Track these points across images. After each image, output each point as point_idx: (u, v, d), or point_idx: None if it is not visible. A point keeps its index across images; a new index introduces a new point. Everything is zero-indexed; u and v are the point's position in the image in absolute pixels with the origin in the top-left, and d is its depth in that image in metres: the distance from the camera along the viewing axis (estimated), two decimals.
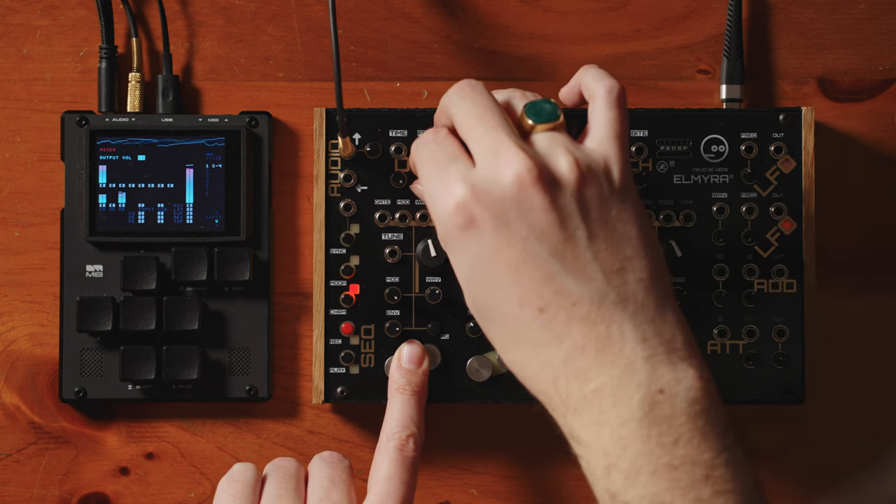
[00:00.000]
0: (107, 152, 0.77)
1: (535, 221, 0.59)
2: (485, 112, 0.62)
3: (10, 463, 0.78)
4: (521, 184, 0.59)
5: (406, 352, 0.74)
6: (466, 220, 0.60)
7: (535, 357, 0.60)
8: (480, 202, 0.59)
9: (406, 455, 0.69)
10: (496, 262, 0.60)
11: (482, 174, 0.60)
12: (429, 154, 0.64)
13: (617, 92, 0.63)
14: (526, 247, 0.59)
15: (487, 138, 0.61)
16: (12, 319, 0.78)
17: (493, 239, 0.59)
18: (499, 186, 0.59)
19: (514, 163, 0.59)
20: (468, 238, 0.60)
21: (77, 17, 0.79)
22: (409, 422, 0.71)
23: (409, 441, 0.70)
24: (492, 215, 0.59)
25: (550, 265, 0.59)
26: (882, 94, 0.79)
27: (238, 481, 0.70)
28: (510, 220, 0.59)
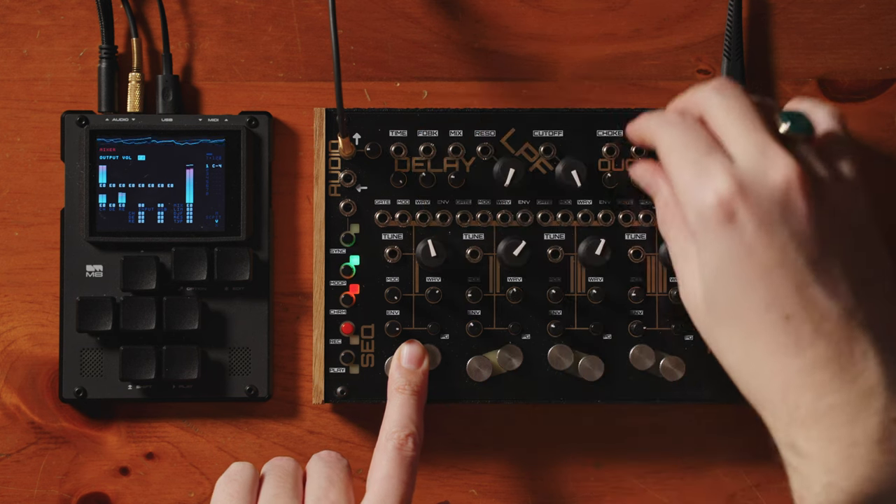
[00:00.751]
0: (107, 152, 0.77)
1: (797, 228, 0.59)
2: (748, 111, 0.61)
3: (10, 463, 0.78)
4: (790, 188, 0.59)
5: (406, 352, 0.74)
6: (727, 214, 0.59)
7: (768, 363, 0.59)
8: (746, 199, 0.59)
9: (405, 455, 0.69)
10: (750, 261, 0.59)
11: (749, 171, 0.59)
12: (680, 137, 0.62)
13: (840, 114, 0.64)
14: (785, 252, 0.59)
15: (753, 137, 0.60)
16: (12, 319, 0.78)
17: (752, 238, 0.59)
18: (766, 186, 0.59)
19: (784, 165, 0.59)
20: (725, 233, 0.59)
21: (77, 17, 0.79)
22: (409, 421, 0.71)
23: (408, 441, 0.70)
24: (755, 214, 0.59)
25: (805, 275, 0.59)
26: (882, 94, 0.79)
27: (235, 480, 0.70)
28: (773, 223, 0.59)
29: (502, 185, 0.76)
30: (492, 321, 0.76)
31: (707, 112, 0.63)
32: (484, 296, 0.76)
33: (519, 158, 0.76)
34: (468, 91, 0.79)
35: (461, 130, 0.76)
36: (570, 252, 0.76)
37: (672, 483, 0.79)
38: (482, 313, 0.76)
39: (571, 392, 0.76)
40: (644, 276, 0.76)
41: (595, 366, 0.76)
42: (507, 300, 0.76)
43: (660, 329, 0.76)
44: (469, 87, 0.79)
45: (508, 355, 0.76)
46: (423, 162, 0.76)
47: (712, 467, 0.79)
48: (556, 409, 0.79)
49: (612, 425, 0.79)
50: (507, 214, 0.76)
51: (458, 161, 0.77)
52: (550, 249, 0.76)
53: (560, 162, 0.76)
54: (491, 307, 0.76)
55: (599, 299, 0.76)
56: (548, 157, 0.76)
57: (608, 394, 0.76)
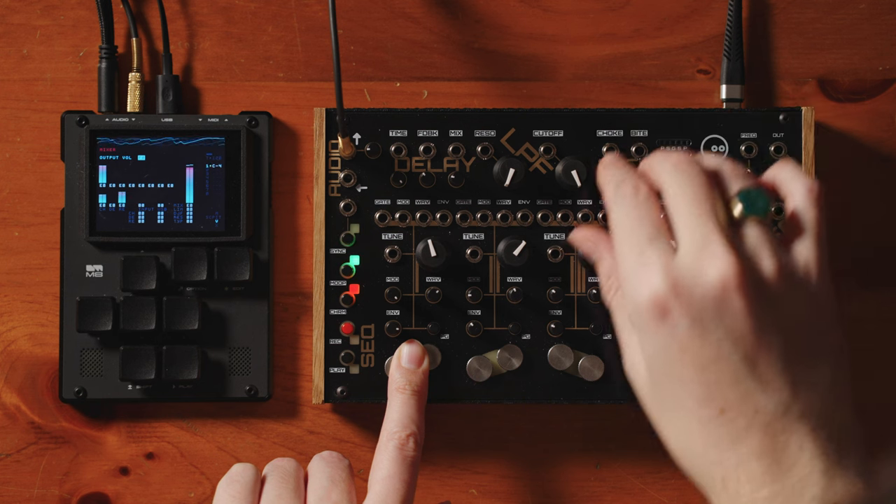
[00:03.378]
0: (107, 152, 0.77)
1: (732, 325, 0.58)
2: (698, 195, 0.60)
3: (10, 463, 0.78)
4: (725, 286, 0.58)
5: (406, 351, 0.74)
6: (661, 312, 0.59)
7: (706, 453, 0.59)
8: (679, 298, 0.58)
9: (406, 455, 0.69)
10: (684, 357, 0.59)
11: (685, 267, 0.59)
12: (628, 217, 0.62)
13: (817, 192, 0.62)
14: (719, 348, 0.58)
15: (696, 227, 0.59)
16: (12, 319, 0.78)
17: (685, 335, 0.59)
18: (701, 285, 0.58)
19: (721, 264, 0.58)
20: (659, 328, 0.59)
21: (77, 17, 0.79)
22: (409, 421, 0.71)
23: (410, 440, 0.70)
24: (689, 313, 0.58)
25: (739, 370, 0.58)
26: (882, 94, 0.79)
27: (237, 482, 0.69)
28: (707, 321, 0.58)
29: (502, 185, 0.76)
30: (492, 321, 0.76)
31: (663, 189, 0.62)
32: (484, 296, 0.76)
33: (519, 158, 0.76)
34: (468, 91, 0.79)
35: (461, 130, 0.76)
36: (570, 252, 0.76)
37: (672, 483, 0.79)
38: (482, 313, 0.76)
39: (571, 392, 0.76)
40: None
41: (595, 366, 0.76)
42: (507, 300, 0.76)
43: None
44: (469, 87, 0.79)
45: (508, 355, 0.76)
46: (423, 162, 0.76)
47: None
48: (556, 409, 0.79)
49: (612, 425, 0.79)
50: (507, 214, 0.76)
51: (458, 161, 0.77)
52: (550, 249, 0.76)
53: (560, 162, 0.76)
54: (491, 307, 0.76)
55: (599, 299, 0.76)
56: (548, 157, 0.76)
57: (608, 394, 0.76)
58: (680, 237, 0.60)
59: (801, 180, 0.63)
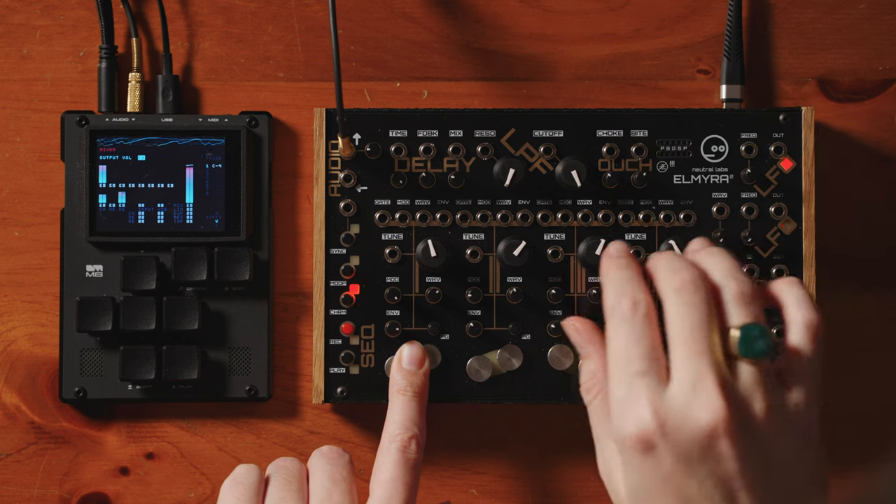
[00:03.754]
0: (107, 152, 0.77)
1: (717, 468, 0.58)
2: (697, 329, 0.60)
3: (10, 463, 0.78)
4: (714, 432, 0.58)
5: (406, 353, 0.74)
6: (646, 446, 0.59)
7: None
8: (666, 438, 0.58)
9: (408, 457, 0.69)
10: (667, 488, 0.59)
11: (675, 407, 0.59)
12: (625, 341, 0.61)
13: (817, 327, 0.62)
14: (701, 486, 0.58)
15: (691, 364, 0.59)
16: (12, 319, 0.78)
17: (669, 470, 0.59)
18: (689, 428, 0.58)
19: (712, 408, 0.58)
20: (643, 461, 0.59)
21: (77, 17, 0.79)
22: (411, 423, 0.71)
23: (412, 443, 0.70)
24: (675, 451, 0.58)
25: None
26: (882, 94, 0.79)
27: (241, 483, 0.69)
28: (692, 461, 0.58)
29: (502, 185, 0.76)
30: (492, 321, 0.76)
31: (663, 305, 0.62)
32: (484, 296, 0.76)
33: (519, 158, 0.76)
34: (468, 91, 0.79)
35: (461, 130, 0.76)
36: (570, 252, 0.76)
37: None
38: (482, 313, 0.76)
39: (571, 392, 0.76)
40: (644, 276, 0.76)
41: None
42: (507, 300, 0.76)
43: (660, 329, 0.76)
44: (469, 87, 0.79)
45: (508, 355, 0.76)
46: (423, 162, 0.76)
47: None
48: (556, 409, 0.79)
49: None
50: (507, 214, 0.76)
51: (458, 161, 0.77)
52: (550, 249, 0.76)
53: (560, 162, 0.76)
54: (491, 307, 0.76)
55: (599, 299, 0.76)
56: (548, 157, 0.76)
57: None
58: (673, 369, 0.60)
59: (803, 311, 0.62)
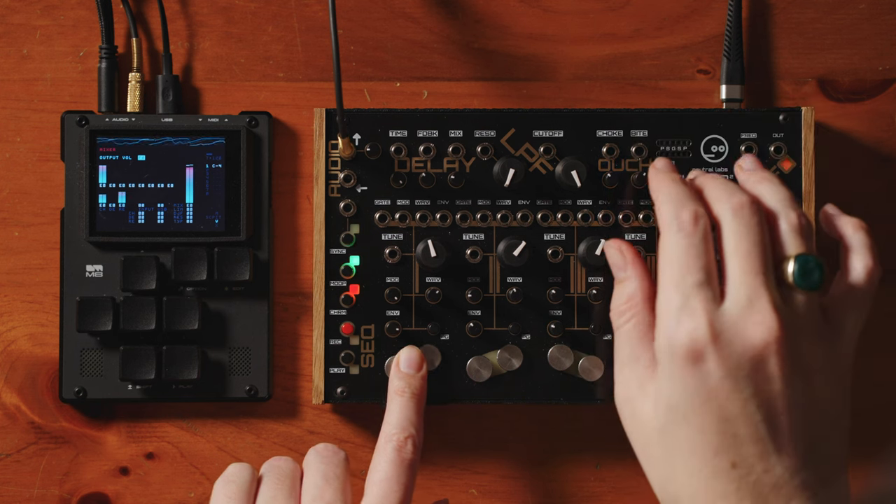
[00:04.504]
0: (107, 152, 0.77)
1: (763, 387, 0.59)
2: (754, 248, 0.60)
3: (10, 463, 0.78)
4: (766, 348, 0.58)
5: (405, 357, 0.74)
6: (697, 356, 0.59)
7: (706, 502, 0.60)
8: (718, 349, 0.59)
9: (404, 457, 0.69)
10: (709, 406, 0.59)
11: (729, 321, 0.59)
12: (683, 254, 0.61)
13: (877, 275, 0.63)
14: (745, 405, 0.59)
15: (747, 283, 0.60)
16: (12, 319, 0.78)
17: (715, 386, 0.59)
18: (742, 341, 0.59)
19: (766, 326, 0.58)
20: (690, 372, 0.59)
21: (77, 17, 0.79)
22: (408, 424, 0.71)
23: (408, 443, 0.70)
24: (725, 365, 0.59)
25: (760, 429, 0.59)
26: (882, 94, 0.79)
27: (233, 482, 0.69)
28: (740, 378, 0.59)
29: (502, 185, 0.76)
30: (492, 321, 0.76)
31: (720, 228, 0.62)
32: (484, 296, 0.76)
33: (519, 158, 0.76)
34: (468, 91, 0.79)
35: (461, 130, 0.76)
36: (570, 252, 0.76)
37: None
38: (482, 313, 0.76)
39: (571, 392, 0.76)
40: None
41: (595, 366, 0.76)
42: (507, 300, 0.76)
43: None
44: (469, 87, 0.79)
45: (508, 355, 0.76)
46: (423, 162, 0.76)
47: None
48: (556, 409, 0.79)
49: (612, 425, 0.79)
50: (507, 214, 0.76)
51: (458, 161, 0.77)
52: (550, 249, 0.76)
53: (560, 162, 0.76)
54: (491, 307, 0.76)
55: (599, 299, 0.76)
56: (548, 157, 0.76)
57: (608, 394, 0.76)
58: (729, 287, 0.60)
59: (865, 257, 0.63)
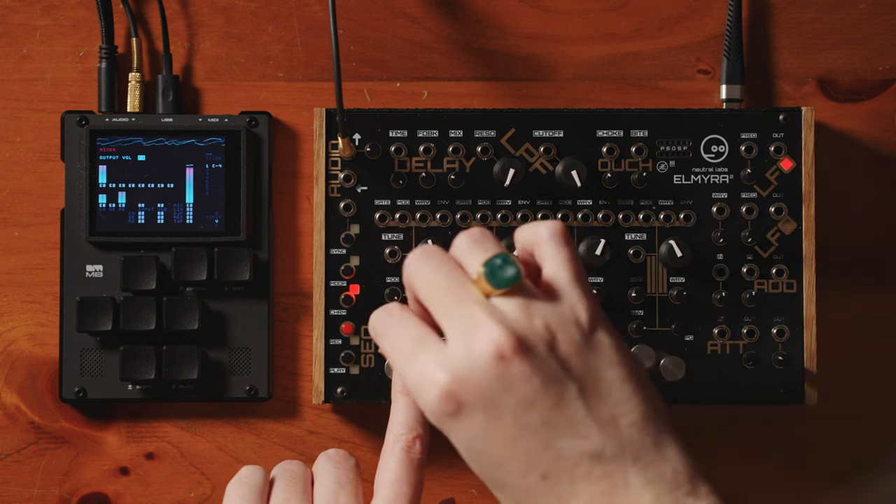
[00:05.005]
0: (107, 152, 0.77)
1: (521, 393, 0.58)
2: (448, 282, 0.60)
3: (10, 463, 0.78)
4: (501, 358, 0.58)
5: None
6: (454, 407, 0.59)
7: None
8: (463, 387, 0.58)
9: (413, 457, 0.69)
10: (492, 439, 0.59)
11: (459, 356, 0.59)
12: (394, 340, 0.62)
13: (560, 230, 0.62)
14: (517, 420, 0.58)
15: (457, 313, 0.59)
16: (12, 319, 0.78)
17: (483, 420, 0.59)
18: (478, 366, 0.58)
19: (491, 337, 0.58)
20: (459, 423, 0.59)
21: (77, 17, 0.79)
22: (415, 423, 0.70)
23: (416, 442, 0.69)
24: (478, 397, 0.58)
25: (544, 433, 0.58)
26: (882, 94, 0.79)
27: (246, 483, 0.69)
28: (497, 398, 0.58)
29: (502, 185, 0.76)
30: None
31: (415, 290, 0.62)
32: None
33: (519, 158, 0.76)
34: (468, 91, 0.79)
35: (461, 130, 0.76)
36: None
37: None
38: None
39: None
40: (644, 276, 0.76)
41: None
42: None
43: (660, 329, 0.76)
44: (469, 87, 0.79)
45: None
46: (423, 162, 0.76)
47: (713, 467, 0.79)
48: None
49: None
50: (507, 214, 0.76)
51: (458, 161, 0.77)
52: None
53: (560, 162, 0.76)
54: None
55: (600, 299, 0.76)
56: (548, 157, 0.76)
57: None
58: (445, 329, 0.60)
59: (539, 226, 0.62)
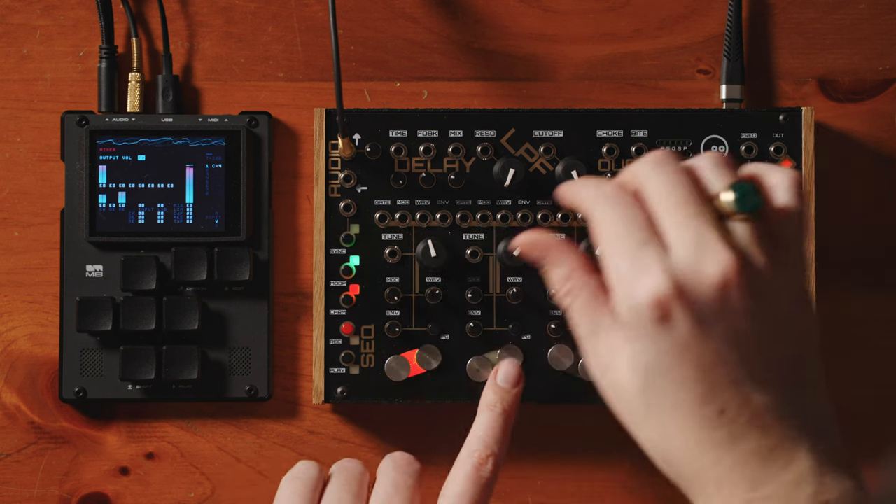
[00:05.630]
0: (107, 152, 0.77)
1: (732, 325, 0.58)
2: (686, 193, 0.59)
3: (10, 463, 0.78)
4: (727, 285, 0.57)
5: (503, 371, 0.73)
6: (663, 314, 0.58)
7: (703, 455, 0.59)
8: (681, 300, 0.57)
9: (482, 475, 0.68)
10: (685, 358, 0.58)
11: (685, 267, 0.58)
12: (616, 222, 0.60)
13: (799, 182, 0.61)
14: (719, 349, 0.58)
15: (689, 225, 0.58)
16: (12, 319, 0.78)
17: (687, 338, 0.58)
18: (702, 284, 0.57)
19: (721, 261, 0.57)
20: (659, 332, 0.58)
21: (77, 17, 0.79)
22: (493, 441, 0.70)
23: (489, 461, 0.69)
24: (691, 315, 0.57)
25: (739, 370, 0.58)
26: (882, 94, 0.79)
27: (299, 479, 0.69)
28: (709, 322, 0.58)
29: (502, 185, 0.76)
30: (492, 321, 0.76)
31: (644, 190, 0.61)
32: (484, 296, 0.76)
33: (519, 158, 0.76)
34: (468, 91, 0.79)
35: (461, 130, 0.77)
36: None
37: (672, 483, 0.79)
38: (482, 313, 0.76)
39: (571, 392, 0.76)
40: None
41: None
42: (507, 300, 0.76)
43: None
44: (469, 87, 0.79)
45: (508, 355, 0.76)
46: (423, 162, 0.76)
47: None
48: (556, 409, 0.79)
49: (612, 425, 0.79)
50: (507, 214, 0.76)
51: (458, 161, 0.77)
52: None
53: (560, 162, 0.76)
54: (491, 307, 0.76)
55: None
56: (548, 157, 0.76)
57: None
58: (672, 240, 0.59)
59: (781, 171, 0.62)
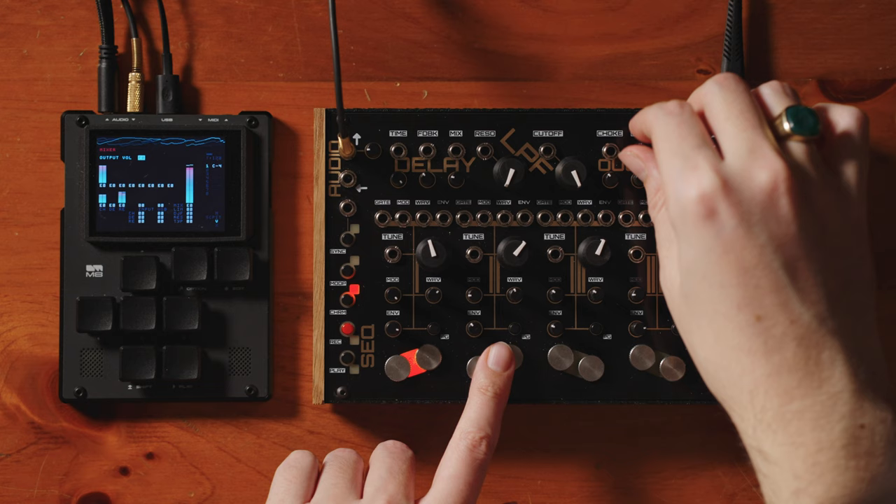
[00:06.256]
0: (107, 152, 0.77)
1: (777, 231, 0.58)
2: (745, 109, 0.61)
3: (10, 463, 0.78)
4: (775, 189, 0.58)
5: (494, 353, 0.73)
6: (708, 210, 0.59)
7: (737, 362, 0.59)
8: (728, 197, 0.59)
9: (476, 456, 0.68)
10: (727, 259, 0.59)
11: (734, 169, 0.59)
12: (675, 128, 0.62)
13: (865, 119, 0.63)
14: (762, 252, 0.58)
15: (745, 135, 0.60)
16: (12, 319, 0.78)
17: (731, 237, 0.59)
18: (750, 186, 0.59)
19: (771, 166, 0.58)
20: (704, 229, 0.59)
21: (77, 17, 0.79)
22: (485, 423, 0.70)
23: (482, 443, 0.69)
24: (736, 213, 0.59)
25: (780, 277, 0.58)
26: (882, 94, 0.79)
27: (294, 467, 0.70)
28: (753, 223, 0.58)
29: (502, 185, 0.76)
30: (492, 321, 0.76)
31: (706, 106, 0.63)
32: (484, 296, 0.76)
33: (519, 158, 0.76)
34: (468, 91, 0.79)
35: (461, 130, 0.77)
36: (570, 252, 0.76)
37: (672, 483, 0.79)
38: (482, 313, 0.76)
39: (571, 392, 0.76)
40: (644, 276, 0.76)
41: (595, 366, 0.76)
42: (507, 300, 0.76)
43: (660, 329, 0.76)
44: (469, 87, 0.79)
45: None
46: (423, 162, 0.76)
47: (712, 467, 0.79)
48: (556, 409, 0.79)
49: (612, 425, 0.79)
50: (507, 214, 0.76)
51: (458, 161, 0.77)
52: (550, 249, 0.76)
53: (560, 162, 0.76)
54: (491, 307, 0.76)
55: (599, 299, 0.76)
56: (548, 157, 0.76)
57: (608, 394, 0.76)
58: (727, 146, 0.60)
59: (847, 108, 0.63)
